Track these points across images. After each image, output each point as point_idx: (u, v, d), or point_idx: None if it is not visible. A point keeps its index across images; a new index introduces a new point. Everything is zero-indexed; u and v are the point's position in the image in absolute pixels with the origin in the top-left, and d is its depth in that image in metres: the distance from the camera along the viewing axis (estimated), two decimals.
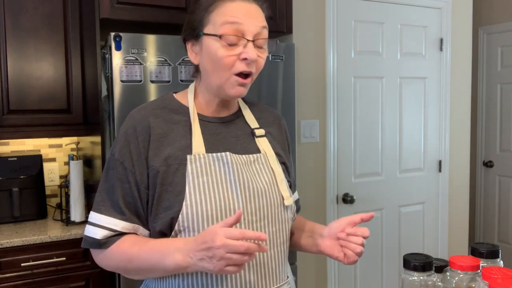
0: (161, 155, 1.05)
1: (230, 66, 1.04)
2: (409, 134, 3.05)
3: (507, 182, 4.03)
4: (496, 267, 0.94)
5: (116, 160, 1.07)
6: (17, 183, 2.30)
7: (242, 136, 1.14)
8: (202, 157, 1.06)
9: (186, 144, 1.07)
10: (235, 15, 1.03)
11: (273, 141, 1.19)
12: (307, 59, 2.68)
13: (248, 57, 1.02)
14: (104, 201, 1.07)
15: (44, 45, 2.34)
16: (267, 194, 1.08)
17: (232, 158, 1.07)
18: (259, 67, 1.08)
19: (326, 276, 2.82)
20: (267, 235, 1.07)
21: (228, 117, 1.15)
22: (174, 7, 2.13)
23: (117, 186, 1.06)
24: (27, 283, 2.05)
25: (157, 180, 1.04)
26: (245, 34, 1.03)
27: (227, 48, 1.03)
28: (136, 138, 1.06)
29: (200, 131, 1.10)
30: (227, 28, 1.03)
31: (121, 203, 1.05)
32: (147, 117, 1.09)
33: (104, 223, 1.06)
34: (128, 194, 1.06)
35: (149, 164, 1.05)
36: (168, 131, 1.08)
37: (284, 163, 1.19)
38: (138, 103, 1.98)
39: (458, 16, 3.18)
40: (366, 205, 2.91)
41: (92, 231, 1.07)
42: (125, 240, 1.05)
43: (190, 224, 1.02)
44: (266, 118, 1.22)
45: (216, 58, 1.04)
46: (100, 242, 1.05)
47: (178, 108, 1.13)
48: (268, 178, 1.11)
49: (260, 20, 1.06)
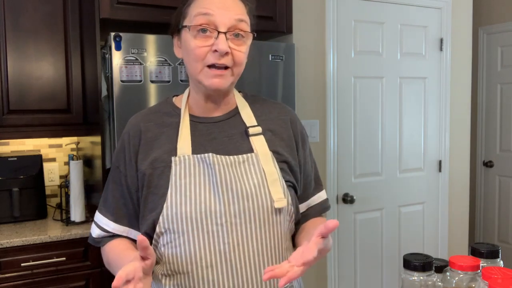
0: (148, 159, 1.07)
1: (202, 57, 1.03)
2: (409, 134, 3.05)
3: (507, 182, 4.03)
4: (496, 267, 0.94)
5: (113, 164, 1.14)
6: (17, 183, 2.30)
7: (236, 136, 1.11)
8: (186, 159, 1.05)
9: (174, 146, 1.08)
10: (208, 7, 1.02)
11: (274, 138, 1.13)
12: (307, 59, 2.68)
13: (218, 49, 1.00)
14: (103, 202, 1.14)
15: (44, 45, 2.34)
16: (254, 196, 1.04)
17: (215, 159, 1.05)
18: (237, 60, 1.04)
19: (326, 276, 2.82)
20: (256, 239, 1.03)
21: (221, 117, 1.13)
22: (174, 7, 2.11)
23: (113, 189, 1.12)
24: (27, 283, 2.05)
25: (144, 183, 1.06)
26: (218, 26, 1.01)
27: (200, 40, 1.02)
28: (129, 143, 1.11)
29: (189, 132, 1.09)
30: (199, 19, 1.02)
31: (115, 205, 1.11)
32: (139, 122, 1.13)
33: (100, 222, 1.13)
34: (122, 196, 1.10)
35: (138, 168, 1.08)
36: (159, 134, 1.10)
37: (286, 161, 1.13)
38: (138, 103, 1.99)
39: (458, 16, 3.18)
40: (366, 205, 2.91)
41: (92, 228, 1.15)
42: (111, 244, 1.11)
43: (170, 226, 1.02)
44: (269, 114, 1.17)
45: (189, 49, 1.04)
46: (95, 240, 1.13)
47: (171, 111, 1.13)
48: (258, 179, 1.06)
49: (235, 12, 1.03)
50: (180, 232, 1.01)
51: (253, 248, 1.03)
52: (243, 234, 1.02)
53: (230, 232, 1.02)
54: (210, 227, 1.01)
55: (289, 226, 1.11)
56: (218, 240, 1.01)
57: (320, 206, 1.23)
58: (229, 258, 1.01)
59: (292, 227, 1.13)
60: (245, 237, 1.02)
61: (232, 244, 1.02)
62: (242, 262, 1.02)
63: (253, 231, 1.03)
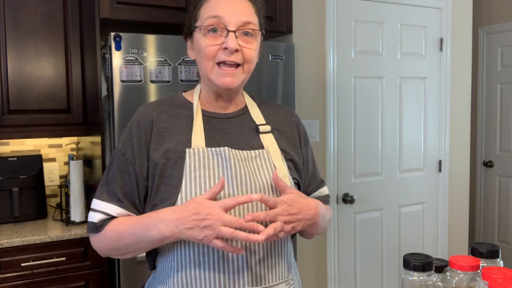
0: (162, 149, 1.08)
1: (213, 55, 1.07)
2: (409, 134, 3.05)
3: (507, 182, 4.03)
4: (496, 267, 0.94)
5: (119, 151, 1.13)
6: (17, 183, 2.30)
7: (246, 132, 1.15)
8: (201, 151, 1.08)
9: (187, 138, 1.10)
10: (217, 9, 1.07)
11: (281, 137, 1.18)
12: (307, 59, 2.68)
13: (228, 46, 1.05)
14: (105, 189, 1.12)
15: (44, 45, 2.34)
16: (266, 191, 1.08)
17: (230, 153, 1.08)
18: (248, 57, 1.09)
19: (326, 276, 2.82)
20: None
21: (232, 113, 1.17)
22: (174, 7, 2.13)
23: (118, 176, 1.11)
24: (27, 283, 2.05)
25: (156, 173, 1.07)
26: (227, 26, 1.06)
27: (210, 39, 1.07)
28: (139, 131, 1.11)
29: (202, 126, 1.12)
30: (210, 21, 1.07)
31: (119, 192, 1.10)
32: (151, 111, 1.14)
33: (102, 208, 1.10)
34: (127, 184, 1.10)
35: (149, 157, 1.09)
36: (171, 125, 1.12)
37: (292, 160, 1.18)
38: (138, 103, 1.99)
39: (458, 16, 3.18)
40: (366, 205, 2.91)
41: (91, 215, 1.12)
42: (115, 220, 1.09)
43: None
44: (275, 114, 1.22)
45: (201, 48, 1.09)
46: (97, 225, 1.10)
47: (184, 104, 1.16)
48: (269, 174, 1.10)
49: (243, 14, 1.08)
50: None
51: None
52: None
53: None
54: None
55: None
56: None
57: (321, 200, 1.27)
58: None
59: None
60: None
61: None
62: (252, 254, 1.05)
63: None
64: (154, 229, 1.00)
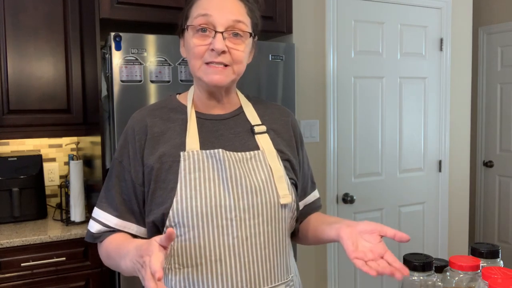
0: (156, 153, 1.08)
1: (200, 55, 1.07)
2: (409, 134, 3.05)
3: (507, 182, 4.03)
4: (496, 267, 0.94)
5: (116, 159, 1.13)
6: (17, 183, 2.30)
7: (241, 133, 1.14)
8: (195, 154, 1.07)
9: (181, 141, 1.10)
10: (207, 8, 1.06)
11: (277, 137, 1.17)
12: (307, 59, 2.68)
13: (214, 48, 1.04)
14: (104, 197, 1.13)
15: (44, 45, 2.34)
16: (262, 192, 1.07)
17: (225, 155, 1.08)
18: (236, 58, 1.08)
19: (326, 276, 2.82)
20: (263, 233, 1.06)
21: (226, 115, 1.16)
22: (174, 7, 2.13)
23: (116, 184, 1.11)
24: (27, 283, 2.05)
25: (151, 178, 1.07)
26: (216, 26, 1.06)
27: (198, 39, 1.07)
28: (134, 137, 1.11)
29: (196, 128, 1.11)
30: (199, 20, 1.07)
31: (117, 200, 1.10)
32: (145, 117, 1.14)
33: (101, 218, 1.12)
34: (125, 191, 1.10)
35: (144, 162, 1.09)
36: (165, 129, 1.11)
37: (288, 160, 1.17)
38: (138, 103, 1.99)
39: (458, 16, 3.18)
40: (366, 205, 2.91)
41: (91, 224, 1.13)
42: (110, 237, 1.10)
43: (180, 220, 1.03)
44: (271, 114, 1.21)
45: (189, 47, 1.09)
46: (94, 235, 1.12)
47: (177, 107, 1.16)
48: (265, 175, 1.09)
49: (233, 13, 1.07)
50: (190, 226, 1.02)
51: (260, 242, 1.06)
52: (251, 228, 1.05)
53: (239, 226, 1.04)
54: (220, 221, 1.03)
55: (291, 222, 1.14)
56: (227, 234, 1.03)
57: (314, 204, 1.28)
58: (238, 252, 1.04)
59: (293, 224, 1.16)
60: (253, 232, 1.05)
61: (241, 238, 1.04)
62: (250, 256, 1.05)
63: (261, 226, 1.06)
64: (123, 261, 0.99)
